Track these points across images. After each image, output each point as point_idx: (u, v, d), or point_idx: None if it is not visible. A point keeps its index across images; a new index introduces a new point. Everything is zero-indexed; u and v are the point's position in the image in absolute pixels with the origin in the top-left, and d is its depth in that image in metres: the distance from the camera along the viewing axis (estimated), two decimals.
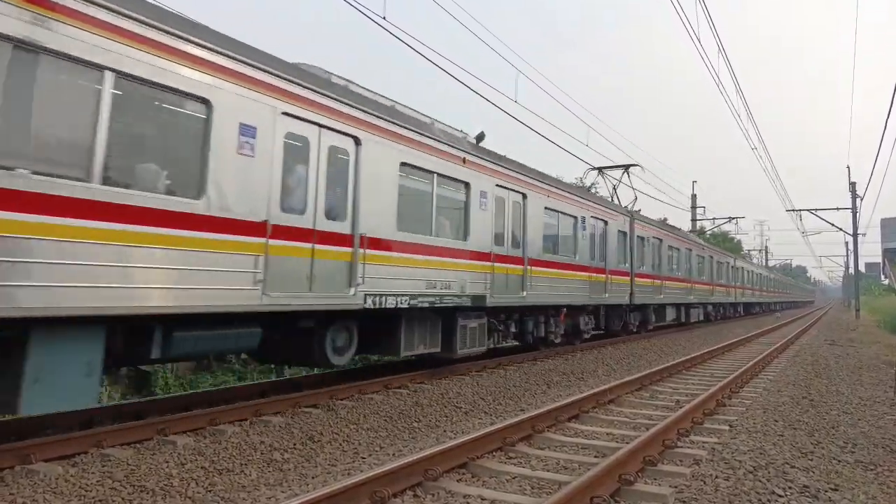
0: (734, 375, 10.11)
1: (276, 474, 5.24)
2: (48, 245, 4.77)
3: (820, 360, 13.88)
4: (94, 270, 5.05)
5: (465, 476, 5.08)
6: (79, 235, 4.97)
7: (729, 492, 4.58)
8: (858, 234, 36.47)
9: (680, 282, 22.53)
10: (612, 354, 14.28)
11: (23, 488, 4.51)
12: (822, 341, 19.50)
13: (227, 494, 4.72)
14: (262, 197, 6.54)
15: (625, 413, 7.79)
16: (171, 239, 5.63)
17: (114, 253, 5.17)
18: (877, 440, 6.37)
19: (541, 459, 5.56)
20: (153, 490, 4.67)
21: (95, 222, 5.09)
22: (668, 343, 17.79)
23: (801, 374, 11.35)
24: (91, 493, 4.55)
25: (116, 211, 5.22)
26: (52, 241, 4.80)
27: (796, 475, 5.01)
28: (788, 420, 7.17)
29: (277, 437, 6.07)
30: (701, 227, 39.48)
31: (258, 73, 6.56)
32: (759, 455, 5.56)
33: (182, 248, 5.72)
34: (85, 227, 5.01)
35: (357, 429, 6.62)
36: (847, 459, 5.62)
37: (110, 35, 5.26)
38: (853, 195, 35.62)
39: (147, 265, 5.43)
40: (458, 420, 7.42)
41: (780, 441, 6.14)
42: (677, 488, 4.67)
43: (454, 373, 10.26)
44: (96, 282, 5.06)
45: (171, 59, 5.73)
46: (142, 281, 5.39)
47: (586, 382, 10.36)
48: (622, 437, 6.45)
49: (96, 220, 5.09)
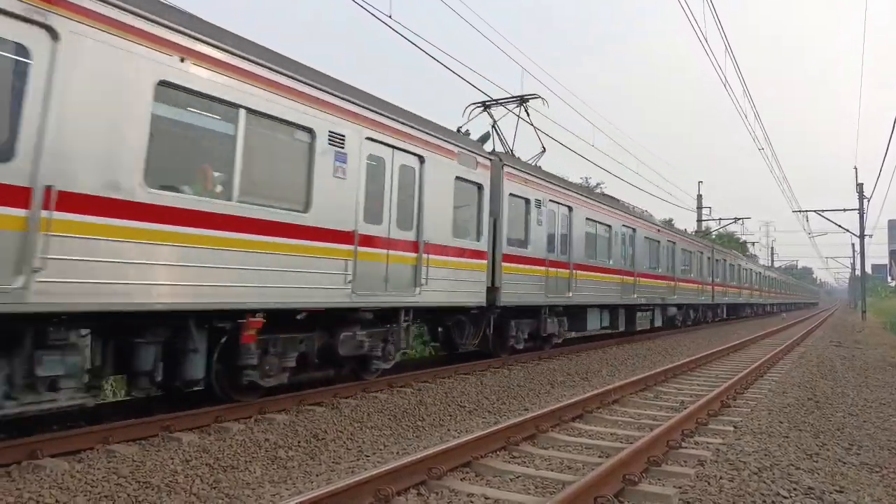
0: (739, 376, 10.08)
1: (280, 472, 5.26)
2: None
3: (825, 361, 13.83)
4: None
5: (469, 475, 5.08)
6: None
7: (733, 493, 4.56)
8: (865, 235, 36.30)
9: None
10: (617, 355, 14.26)
11: (29, 483, 4.53)
12: (827, 343, 19.42)
13: (231, 491, 4.74)
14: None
15: (629, 413, 7.78)
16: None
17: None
18: (882, 442, 6.34)
19: (545, 459, 5.56)
20: (158, 486, 4.69)
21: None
22: (672, 344, 17.76)
23: (806, 375, 11.30)
24: (97, 488, 4.57)
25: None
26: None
27: (801, 477, 5.00)
28: (793, 421, 7.14)
29: (282, 435, 6.09)
30: (707, 227, 39.37)
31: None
32: (763, 456, 5.54)
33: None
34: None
35: (361, 427, 6.63)
36: (852, 461, 5.60)
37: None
38: (860, 196, 35.45)
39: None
40: (462, 419, 7.43)
41: (785, 442, 6.12)
42: (682, 489, 4.66)
43: (458, 372, 10.29)
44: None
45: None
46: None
47: (590, 382, 10.35)
48: (626, 437, 6.44)
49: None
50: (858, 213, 35.65)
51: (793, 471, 5.14)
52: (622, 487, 4.66)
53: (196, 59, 5.94)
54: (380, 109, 8.23)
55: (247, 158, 6.46)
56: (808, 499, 4.53)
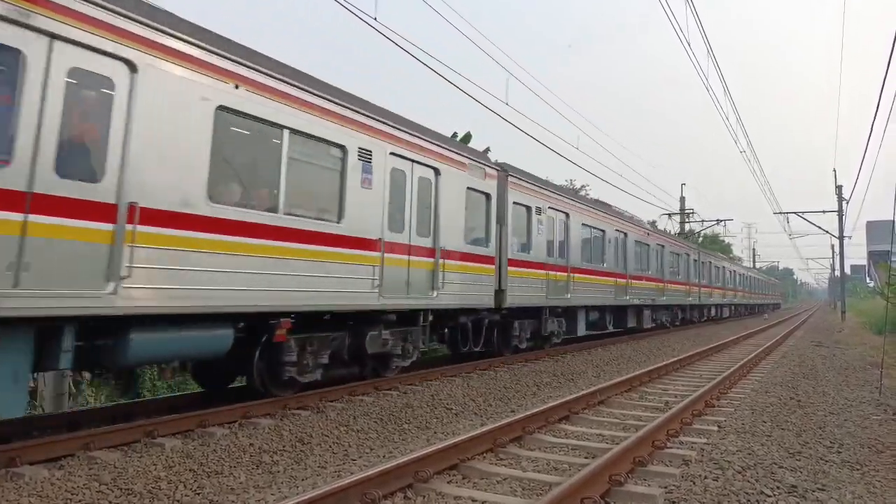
0: (722, 377, 10.17)
1: (265, 476, 5.20)
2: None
3: (807, 361, 14.01)
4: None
5: (456, 477, 5.07)
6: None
7: (718, 492, 4.60)
8: (844, 236, 36.89)
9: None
10: (602, 356, 14.33)
11: (7, 492, 4.44)
12: (808, 343, 19.68)
13: (215, 497, 4.68)
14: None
15: (615, 414, 7.81)
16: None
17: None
18: (863, 440, 6.43)
19: (531, 460, 5.56)
20: (140, 493, 4.62)
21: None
22: (657, 345, 17.89)
23: (788, 375, 11.45)
24: (77, 496, 4.49)
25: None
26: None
27: (784, 475, 5.05)
28: (776, 421, 7.22)
29: (267, 440, 6.03)
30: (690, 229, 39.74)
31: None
32: (747, 455, 5.59)
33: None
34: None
35: (347, 430, 6.59)
36: (834, 459, 5.67)
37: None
38: (839, 198, 36.02)
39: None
40: (448, 421, 7.41)
41: (768, 441, 6.18)
42: (667, 489, 4.68)
43: (445, 374, 10.28)
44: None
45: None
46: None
47: (576, 384, 10.39)
48: (612, 437, 6.47)
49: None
50: (838, 215, 36.21)
51: (776, 469, 5.20)
52: (608, 488, 4.68)
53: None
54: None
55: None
56: (791, 497, 4.58)
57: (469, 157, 10.74)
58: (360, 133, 8.15)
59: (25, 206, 4.77)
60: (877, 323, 25.23)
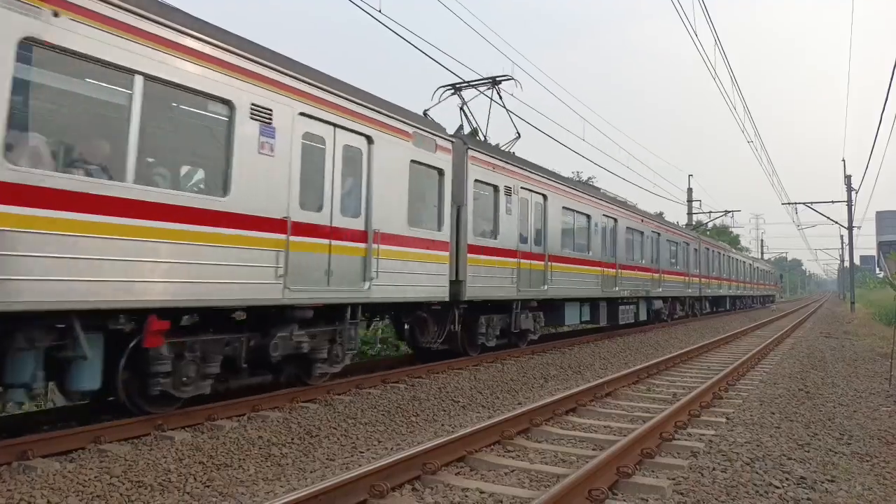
0: (730, 368, 10.15)
1: (274, 469, 5.24)
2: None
3: (815, 352, 13.95)
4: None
5: (464, 469, 5.08)
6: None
7: (726, 483, 4.59)
8: (854, 226, 36.61)
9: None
10: (609, 348, 14.32)
11: (20, 485, 4.49)
12: (817, 334, 19.59)
13: (225, 489, 4.72)
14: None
15: (622, 406, 7.81)
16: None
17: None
18: (872, 431, 6.40)
19: (539, 453, 5.57)
20: (151, 485, 4.66)
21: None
22: (664, 337, 17.85)
23: (796, 366, 11.40)
24: (89, 488, 4.54)
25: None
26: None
27: (793, 467, 5.04)
28: (785, 412, 7.20)
29: (275, 432, 6.07)
30: (698, 220, 39.55)
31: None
32: (756, 447, 5.58)
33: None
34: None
35: (355, 423, 6.62)
36: (843, 451, 5.65)
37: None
38: (848, 188, 35.74)
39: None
40: (455, 414, 7.43)
41: (776, 433, 6.16)
42: (675, 480, 4.68)
43: (452, 367, 10.28)
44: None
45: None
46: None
47: (583, 376, 10.39)
48: (620, 429, 6.47)
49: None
50: (847, 205, 35.94)
51: (785, 461, 5.18)
52: (616, 480, 4.68)
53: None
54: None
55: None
56: (800, 488, 4.57)
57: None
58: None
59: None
60: (886, 314, 25.04)
